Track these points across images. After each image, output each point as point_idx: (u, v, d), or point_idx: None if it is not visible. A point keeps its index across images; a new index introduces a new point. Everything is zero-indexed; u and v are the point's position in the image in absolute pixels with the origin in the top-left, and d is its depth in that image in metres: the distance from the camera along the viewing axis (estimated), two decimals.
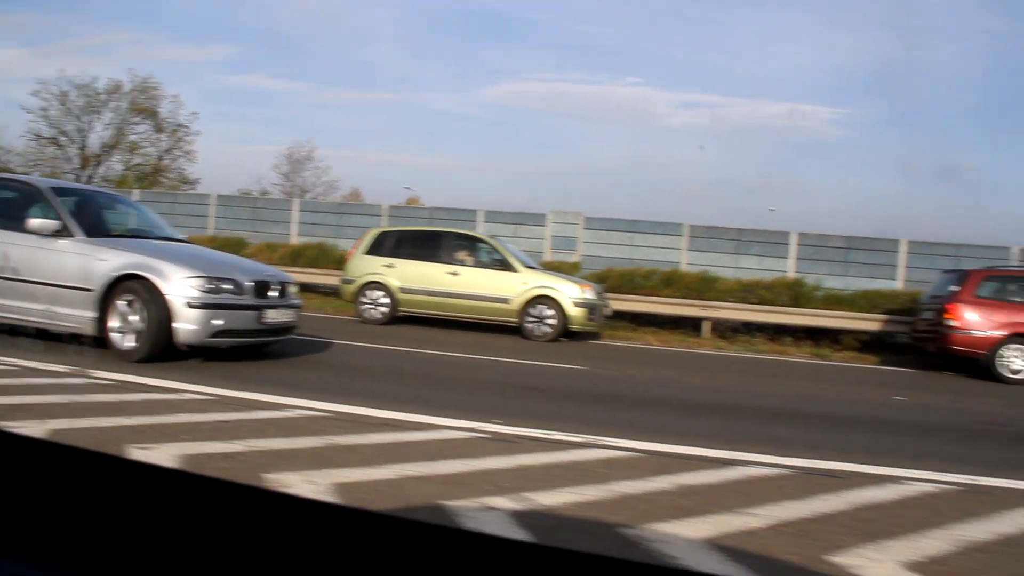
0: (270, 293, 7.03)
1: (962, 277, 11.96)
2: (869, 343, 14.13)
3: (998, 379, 11.05)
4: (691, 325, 14.36)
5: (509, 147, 70.78)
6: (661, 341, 13.13)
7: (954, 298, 11.60)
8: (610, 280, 14.55)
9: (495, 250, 12.15)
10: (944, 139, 59.74)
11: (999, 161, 58.20)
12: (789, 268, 17.13)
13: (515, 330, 11.68)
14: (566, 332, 11.58)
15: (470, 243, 12.43)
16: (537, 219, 17.67)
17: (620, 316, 13.99)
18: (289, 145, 51.34)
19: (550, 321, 11.48)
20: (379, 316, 12.25)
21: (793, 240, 17.14)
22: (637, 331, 13.73)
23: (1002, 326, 11.26)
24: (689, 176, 66.66)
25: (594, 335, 12.48)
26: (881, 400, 8.76)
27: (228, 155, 63.78)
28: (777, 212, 51.42)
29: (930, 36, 59.08)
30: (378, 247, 12.62)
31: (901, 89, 61.76)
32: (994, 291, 11.81)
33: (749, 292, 14.75)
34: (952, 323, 11.42)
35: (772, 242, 17.30)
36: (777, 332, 14.46)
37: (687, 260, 17.26)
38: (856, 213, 54.72)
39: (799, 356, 13.05)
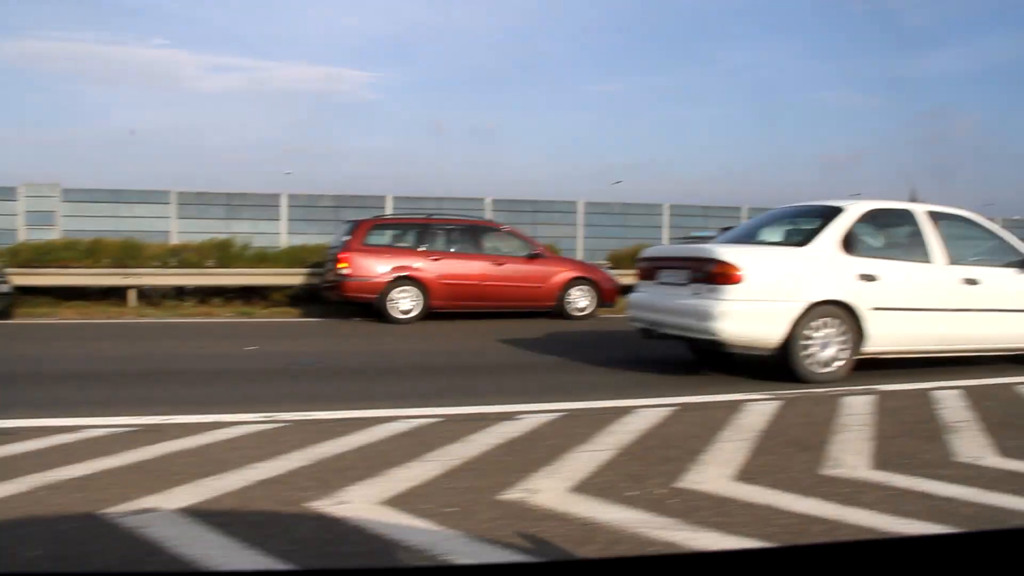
0: None
1: (352, 227, 12.48)
2: (298, 297, 14.65)
3: (390, 320, 11.85)
4: (122, 295, 14.29)
5: (18, 114, 60.15)
6: (81, 314, 13.04)
7: (345, 247, 12.13)
8: (23, 254, 13.87)
9: None
10: (468, 101, 67.80)
11: (516, 121, 67.91)
12: (282, 230, 17.56)
13: None
14: None
15: None
16: (7, 193, 16.01)
17: (42, 292, 13.52)
18: None
19: None
20: None
21: (284, 202, 17.60)
22: (58, 306, 13.31)
23: (389, 271, 12.02)
24: (226, 142, 64.57)
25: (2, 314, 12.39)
26: (229, 352, 9.12)
27: None
28: (298, 175, 52.33)
29: (458, 3, 65.67)
30: None
31: (431, 53, 67.90)
32: (381, 239, 12.54)
33: (175, 256, 14.79)
34: (345, 271, 11.90)
35: (264, 205, 17.62)
36: (211, 294, 14.64)
37: (177, 228, 16.91)
38: (385, 173, 59.26)
39: (224, 316, 13.38)
